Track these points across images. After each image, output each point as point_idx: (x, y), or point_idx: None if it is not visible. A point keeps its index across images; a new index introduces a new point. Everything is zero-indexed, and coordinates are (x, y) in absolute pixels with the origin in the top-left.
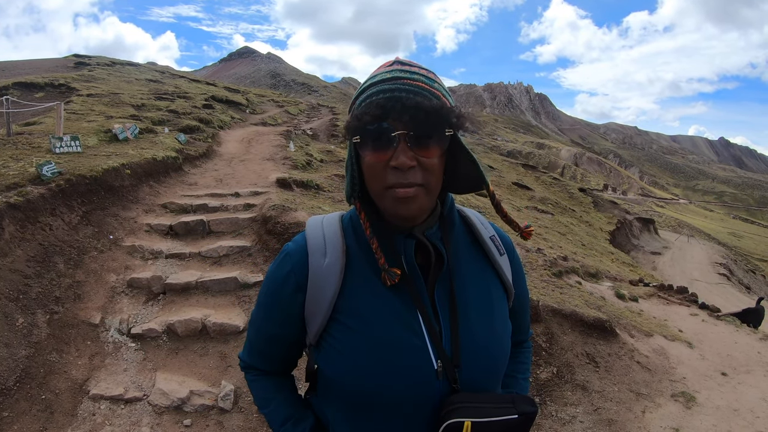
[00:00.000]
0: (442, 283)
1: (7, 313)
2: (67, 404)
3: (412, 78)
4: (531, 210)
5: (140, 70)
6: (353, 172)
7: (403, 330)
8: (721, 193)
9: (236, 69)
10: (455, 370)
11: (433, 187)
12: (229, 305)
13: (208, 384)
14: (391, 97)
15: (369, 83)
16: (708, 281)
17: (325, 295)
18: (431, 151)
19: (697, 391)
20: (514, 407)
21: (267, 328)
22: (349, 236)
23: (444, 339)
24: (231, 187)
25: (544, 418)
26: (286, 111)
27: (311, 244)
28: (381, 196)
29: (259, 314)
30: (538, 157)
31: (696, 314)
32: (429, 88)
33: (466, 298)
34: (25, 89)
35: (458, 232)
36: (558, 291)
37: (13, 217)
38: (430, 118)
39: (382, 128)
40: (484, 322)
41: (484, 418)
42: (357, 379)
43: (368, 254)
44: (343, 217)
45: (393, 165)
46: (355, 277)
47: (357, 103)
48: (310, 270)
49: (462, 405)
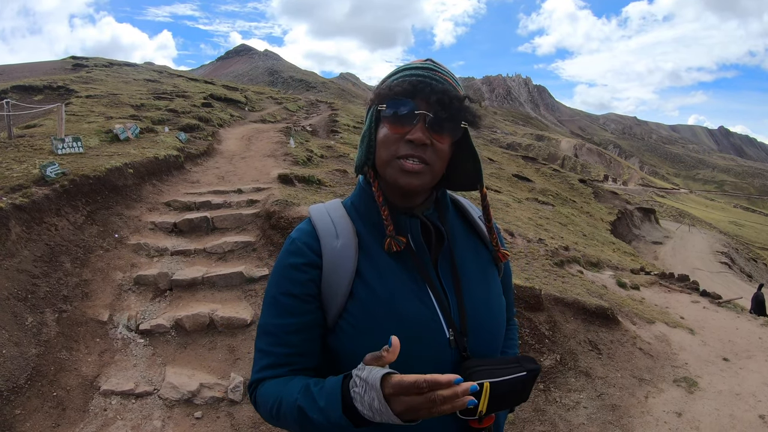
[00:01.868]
0: (444, 259)
1: (17, 313)
2: (79, 400)
3: (444, 72)
4: (532, 201)
5: (138, 71)
6: (370, 141)
7: (416, 303)
8: (721, 182)
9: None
10: (464, 338)
11: (436, 171)
12: (235, 299)
13: (217, 377)
14: (422, 80)
15: (404, 67)
16: (709, 270)
17: (343, 275)
18: (445, 136)
19: (699, 377)
20: (522, 366)
21: (287, 321)
22: (354, 219)
23: (452, 310)
24: (233, 184)
25: (549, 404)
26: (285, 108)
27: (321, 228)
28: (388, 165)
29: (274, 316)
30: (538, 149)
31: (697, 301)
32: (455, 85)
33: (467, 272)
34: (23, 92)
35: (452, 214)
36: (560, 280)
37: (19, 219)
38: (452, 107)
39: (408, 104)
40: (483, 293)
41: (499, 378)
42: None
43: (375, 234)
44: (344, 203)
45: (409, 138)
46: (367, 257)
47: (390, 80)
48: (324, 252)
49: (477, 369)
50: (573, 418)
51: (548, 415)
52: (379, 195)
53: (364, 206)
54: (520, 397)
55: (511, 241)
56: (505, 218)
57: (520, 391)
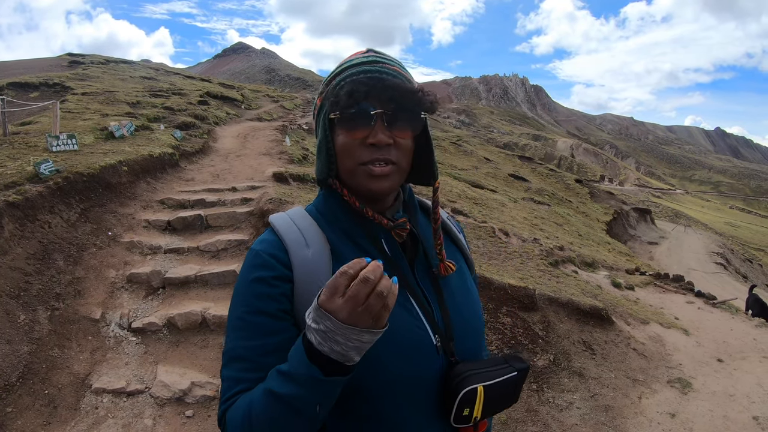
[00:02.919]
0: (420, 263)
1: (9, 310)
2: (70, 398)
3: (390, 63)
4: (527, 201)
5: (134, 68)
6: (329, 151)
7: (399, 311)
8: (717, 183)
9: (231, 65)
10: (450, 343)
11: (404, 168)
12: (228, 298)
13: (209, 375)
14: (372, 78)
15: (346, 65)
16: (705, 270)
17: (319, 286)
18: (406, 131)
19: (694, 377)
20: (512, 366)
21: (259, 342)
22: (322, 226)
23: (435, 315)
24: (228, 182)
25: (542, 404)
26: (282, 106)
27: (288, 238)
28: (353, 173)
29: (243, 338)
30: (534, 149)
31: (692, 302)
32: (404, 74)
33: (445, 276)
34: (19, 89)
35: (420, 216)
36: (554, 280)
37: (12, 216)
38: (408, 100)
39: (362, 106)
40: (464, 295)
41: (492, 380)
42: (363, 365)
43: (346, 241)
44: (308, 210)
45: (370, 142)
46: (340, 265)
47: (334, 84)
48: (294, 263)
49: (469, 373)
50: (566, 418)
51: (541, 416)
52: (354, 200)
53: (331, 212)
54: (512, 398)
55: (506, 240)
56: (501, 218)
57: (512, 392)
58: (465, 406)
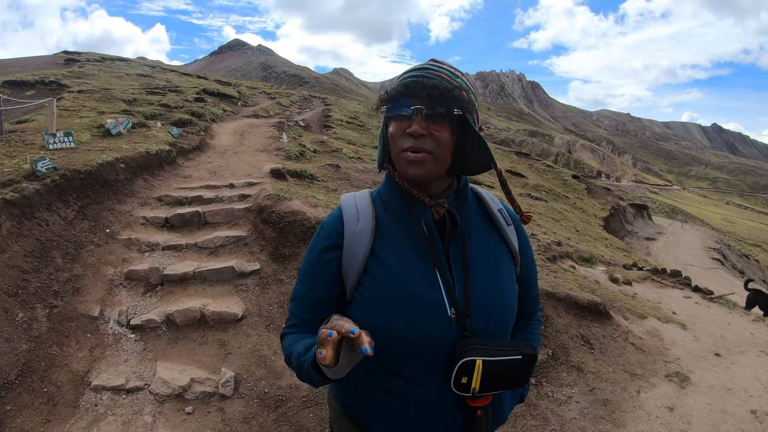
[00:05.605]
0: (456, 245)
1: (7, 309)
2: (69, 396)
3: (438, 70)
4: (525, 197)
5: (131, 65)
6: (384, 140)
7: (423, 283)
8: (714, 179)
9: (227, 62)
10: (466, 319)
11: (440, 158)
12: (226, 294)
13: (208, 371)
14: (415, 80)
15: (405, 71)
16: (702, 266)
17: (358, 252)
18: (442, 126)
19: (691, 372)
20: (518, 350)
21: (311, 294)
22: (377, 206)
23: (457, 292)
24: (225, 179)
25: (541, 398)
26: (279, 103)
27: (346, 213)
28: (397, 158)
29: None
30: (531, 145)
31: (689, 297)
32: (449, 79)
33: (476, 258)
34: (15, 87)
35: (471, 205)
36: (552, 275)
37: (9, 213)
38: (443, 98)
39: (404, 102)
40: (491, 279)
41: (492, 357)
42: (385, 323)
43: (394, 221)
44: (372, 193)
45: (408, 132)
46: (383, 239)
47: (392, 84)
48: (346, 233)
49: (472, 347)
50: (565, 412)
51: (540, 410)
52: (402, 182)
53: (389, 195)
54: (517, 380)
55: None
56: None
57: (516, 375)
58: (463, 374)
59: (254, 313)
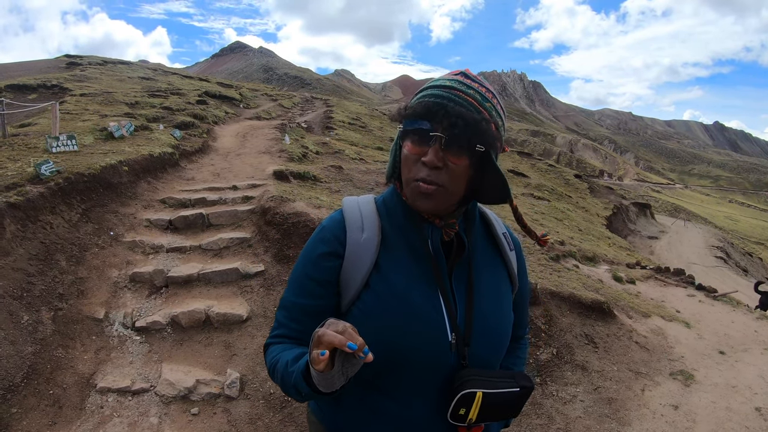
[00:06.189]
0: (461, 268)
1: (12, 311)
2: (75, 398)
3: (467, 93)
4: (527, 197)
5: (132, 69)
6: (395, 156)
7: (426, 304)
8: (716, 177)
9: (228, 64)
10: (465, 347)
11: (453, 191)
12: (231, 296)
13: (213, 373)
14: (439, 103)
15: (431, 84)
16: (705, 264)
17: (362, 266)
18: (460, 158)
19: (696, 370)
20: (516, 382)
21: (302, 302)
22: (382, 216)
23: (459, 316)
24: (228, 181)
25: (545, 397)
26: (280, 105)
27: (349, 220)
28: (407, 185)
29: (293, 294)
30: (533, 145)
31: (693, 295)
32: (477, 105)
33: (480, 284)
34: (17, 91)
35: (477, 227)
36: (556, 274)
37: (13, 217)
38: (467, 130)
39: (423, 127)
40: (494, 306)
41: (493, 390)
42: (383, 341)
43: (399, 234)
44: (376, 199)
45: (423, 160)
46: (388, 253)
47: (414, 98)
48: (348, 242)
49: (473, 378)
50: (570, 411)
51: (545, 409)
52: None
53: (393, 206)
54: (511, 411)
55: None
56: (501, 213)
57: (511, 406)
58: (462, 406)
59: (259, 315)
